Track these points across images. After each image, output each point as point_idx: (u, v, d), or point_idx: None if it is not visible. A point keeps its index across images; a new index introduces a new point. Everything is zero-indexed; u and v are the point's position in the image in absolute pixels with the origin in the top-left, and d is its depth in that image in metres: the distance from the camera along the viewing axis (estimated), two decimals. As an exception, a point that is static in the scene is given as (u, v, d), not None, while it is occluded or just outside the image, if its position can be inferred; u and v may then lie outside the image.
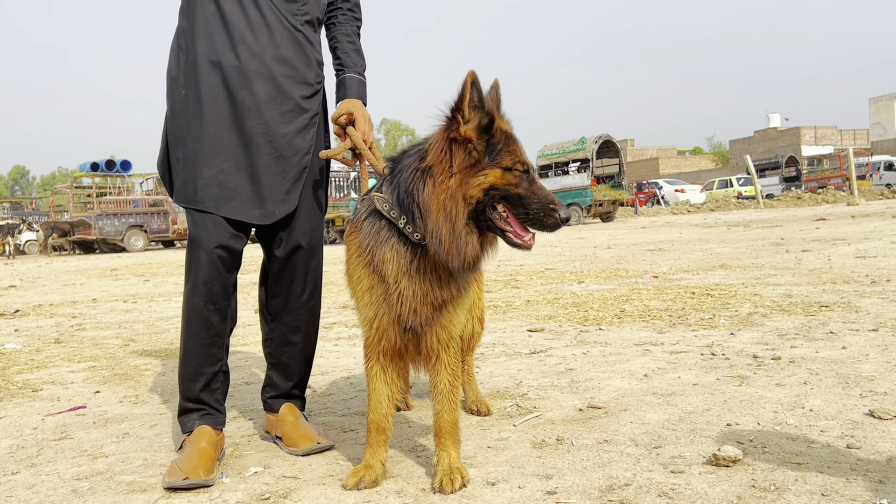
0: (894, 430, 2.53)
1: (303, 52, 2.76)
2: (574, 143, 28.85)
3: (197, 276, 2.62)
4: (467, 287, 2.35)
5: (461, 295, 2.33)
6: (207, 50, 2.64)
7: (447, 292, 2.27)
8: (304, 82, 2.76)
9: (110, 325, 6.85)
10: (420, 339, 2.35)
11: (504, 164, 2.13)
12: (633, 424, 2.79)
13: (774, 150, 60.67)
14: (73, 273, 16.08)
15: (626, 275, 8.43)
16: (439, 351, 2.36)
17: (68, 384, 4.19)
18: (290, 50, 2.71)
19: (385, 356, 2.40)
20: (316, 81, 2.82)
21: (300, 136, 2.73)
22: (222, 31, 2.65)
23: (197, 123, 2.63)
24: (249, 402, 3.61)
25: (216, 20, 2.65)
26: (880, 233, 11.96)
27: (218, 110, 2.63)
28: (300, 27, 2.76)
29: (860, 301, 5.30)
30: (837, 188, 35.44)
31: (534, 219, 2.15)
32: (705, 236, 14.72)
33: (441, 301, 2.28)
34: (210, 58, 2.63)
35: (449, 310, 2.32)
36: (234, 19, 2.65)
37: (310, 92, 2.78)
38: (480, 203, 2.13)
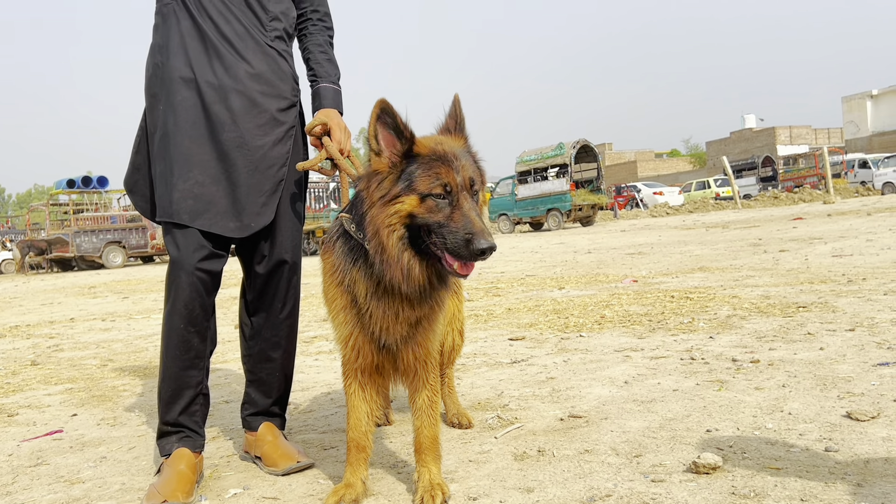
0: (871, 432, 2.55)
1: (277, 67, 2.75)
2: (552, 148, 28.95)
3: (177, 298, 2.59)
4: (441, 304, 2.32)
5: (435, 312, 2.31)
6: (182, 65, 2.63)
7: (419, 311, 2.24)
8: (279, 96, 2.75)
9: (88, 345, 6.77)
10: (396, 356, 2.33)
11: (420, 189, 2.05)
12: (613, 433, 2.79)
13: (751, 150, 61.21)
14: (50, 292, 15.90)
15: (607, 279, 8.46)
16: (416, 368, 2.35)
17: (45, 408, 4.13)
18: (264, 65, 2.71)
19: (363, 374, 2.39)
20: (292, 94, 2.81)
21: (276, 149, 2.71)
22: (196, 46, 2.64)
23: (172, 137, 2.61)
24: (229, 421, 3.58)
25: (190, 36, 2.65)
26: (856, 230, 12.08)
27: (192, 123, 2.61)
28: (271, 43, 2.75)
29: (837, 301, 5.35)
30: (813, 187, 35.81)
31: (450, 249, 2.03)
32: (684, 238, 14.82)
33: (415, 319, 2.26)
34: (184, 73, 2.62)
35: (424, 327, 2.30)
36: (207, 35, 2.64)
37: (285, 105, 2.77)
38: (412, 229, 2.07)
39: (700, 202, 34.75)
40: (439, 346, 2.43)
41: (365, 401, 2.41)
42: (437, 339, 2.36)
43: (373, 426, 2.44)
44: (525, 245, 18.55)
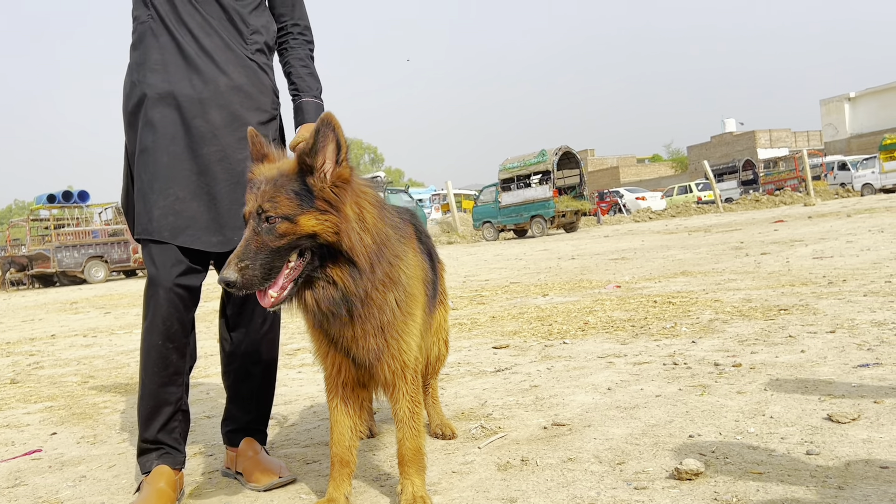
0: (852, 434, 2.56)
1: (257, 80, 2.74)
2: (534, 155, 29.03)
3: (155, 314, 2.57)
4: (408, 312, 2.28)
5: (405, 322, 2.27)
6: (160, 81, 2.61)
7: (365, 325, 2.19)
8: (260, 108, 2.74)
9: (69, 361, 6.70)
10: (372, 370, 2.32)
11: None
12: (596, 440, 2.78)
13: (731, 154, 61.66)
14: (31, 308, 15.74)
15: (590, 285, 8.47)
16: (395, 380, 2.33)
17: (24, 427, 4.08)
18: (244, 78, 2.70)
19: (345, 388, 2.37)
20: (272, 108, 2.80)
21: None
22: (174, 62, 2.62)
23: (151, 154, 2.59)
24: (211, 436, 3.54)
25: (168, 52, 2.63)
26: (836, 232, 12.19)
27: (171, 139, 2.59)
28: (252, 56, 2.74)
29: (818, 303, 5.38)
30: (794, 189, 36.10)
31: None
32: (667, 243, 14.88)
33: (372, 332, 2.22)
34: (162, 89, 2.60)
35: (395, 338, 2.26)
36: (186, 50, 2.63)
37: (265, 118, 2.76)
38: None
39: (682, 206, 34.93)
40: (419, 355, 2.41)
41: (348, 415, 2.39)
42: (412, 350, 2.32)
43: (357, 441, 2.42)
44: (509, 252, 18.57)
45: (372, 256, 2.09)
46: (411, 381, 2.35)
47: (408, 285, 2.26)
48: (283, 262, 2.03)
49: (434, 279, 2.62)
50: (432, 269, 2.62)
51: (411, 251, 2.34)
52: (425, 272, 2.46)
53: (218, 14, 2.69)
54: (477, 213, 31.67)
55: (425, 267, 2.48)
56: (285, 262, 2.04)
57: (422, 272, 2.41)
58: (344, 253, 2.04)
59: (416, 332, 2.33)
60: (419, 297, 2.35)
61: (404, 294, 2.24)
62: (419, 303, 2.34)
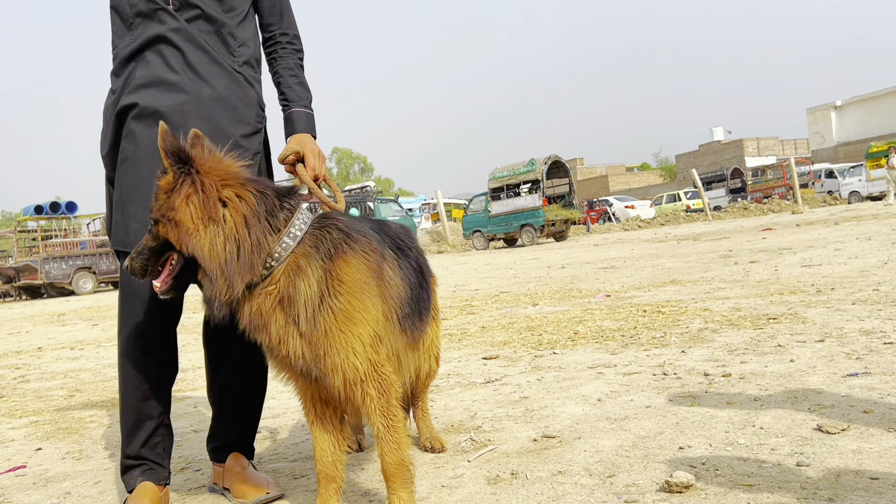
0: (842, 445, 2.55)
1: (242, 92, 2.70)
2: (524, 164, 29.12)
3: (132, 327, 2.54)
4: (349, 321, 2.16)
5: (346, 332, 2.16)
6: (144, 95, 2.57)
7: (304, 329, 2.16)
8: (243, 121, 2.70)
9: (55, 374, 6.64)
10: (322, 383, 2.28)
11: None
12: (587, 453, 2.77)
13: (719, 162, 61.98)
14: (18, 321, 15.60)
15: (580, 295, 8.47)
16: (353, 394, 2.24)
17: (8, 442, 4.03)
18: (229, 90, 2.66)
19: (314, 403, 2.35)
20: (256, 121, 2.76)
21: None
22: (159, 76, 2.58)
23: (132, 164, 2.56)
24: (198, 451, 3.51)
25: (153, 67, 2.59)
26: (824, 240, 12.24)
27: (152, 151, 2.55)
28: (239, 68, 2.72)
29: (807, 311, 5.39)
30: (782, 197, 36.34)
31: None
32: (656, 251, 14.91)
33: (301, 342, 2.18)
34: (147, 102, 2.56)
35: (329, 348, 2.17)
36: (171, 64, 2.60)
37: (249, 131, 2.72)
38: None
39: (671, 215, 35.10)
40: (386, 366, 2.27)
41: (326, 430, 2.37)
42: (359, 360, 2.20)
43: (342, 455, 2.39)
44: (499, 261, 18.57)
45: (223, 264, 2.09)
46: (379, 393, 2.25)
47: (336, 292, 2.15)
48: (159, 260, 2.21)
49: (419, 294, 2.53)
50: (420, 284, 2.55)
51: (345, 259, 2.20)
52: (384, 282, 2.30)
53: (205, 27, 2.66)
54: (467, 223, 31.73)
55: (390, 278, 2.33)
56: (162, 259, 2.21)
57: (368, 280, 2.23)
58: (194, 259, 2.12)
59: (361, 342, 2.19)
60: (362, 305, 2.19)
61: (337, 301, 2.15)
62: (361, 310, 2.19)
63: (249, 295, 2.16)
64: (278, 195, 2.24)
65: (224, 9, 2.71)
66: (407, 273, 2.45)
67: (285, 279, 2.16)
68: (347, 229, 2.27)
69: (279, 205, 2.22)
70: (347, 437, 2.42)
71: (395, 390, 2.29)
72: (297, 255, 2.18)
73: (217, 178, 2.15)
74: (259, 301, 2.16)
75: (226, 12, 2.71)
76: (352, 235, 2.25)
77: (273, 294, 2.16)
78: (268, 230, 2.16)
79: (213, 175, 2.15)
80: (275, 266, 2.16)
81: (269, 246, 2.15)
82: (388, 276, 2.32)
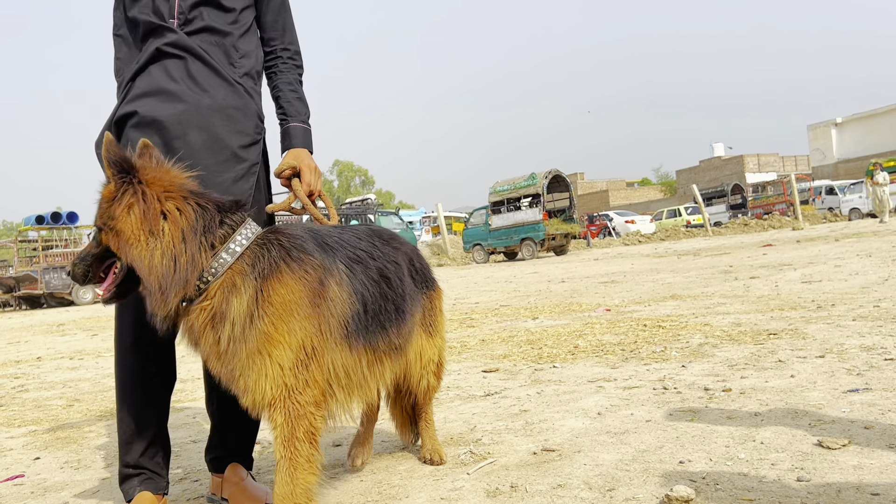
0: (843, 460, 2.54)
1: (242, 103, 2.71)
2: (524, 178, 29.16)
3: (128, 336, 2.54)
4: (271, 341, 2.13)
5: (257, 355, 2.13)
6: (144, 104, 2.58)
7: (224, 348, 2.16)
8: (242, 132, 2.69)
9: (54, 384, 6.63)
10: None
11: None
12: (586, 466, 2.76)
13: (720, 178, 62.09)
14: (18, 330, 15.59)
15: (580, 309, 8.47)
16: (262, 415, 2.22)
17: (6, 451, 4.02)
18: (228, 100, 2.67)
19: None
20: (255, 132, 2.76)
21: (237, 186, 2.66)
22: (160, 86, 2.60)
23: None
24: (196, 461, 3.50)
25: (155, 77, 2.60)
26: (824, 256, 12.25)
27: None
28: (239, 79, 2.72)
29: (807, 327, 5.39)
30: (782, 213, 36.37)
31: None
32: (656, 266, 14.92)
33: (221, 360, 2.18)
34: (147, 112, 2.57)
35: (241, 368, 2.15)
36: (173, 73, 2.61)
37: (248, 142, 2.72)
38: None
39: (671, 230, 35.10)
40: (301, 391, 2.19)
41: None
42: (274, 384, 2.15)
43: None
44: (499, 275, 18.57)
45: (160, 278, 2.10)
46: (285, 421, 2.18)
47: (264, 313, 2.13)
48: (101, 267, 2.23)
49: (382, 306, 2.45)
50: (383, 295, 2.45)
51: (279, 279, 2.17)
52: (326, 301, 2.24)
53: (208, 38, 2.68)
54: (467, 236, 31.73)
55: (334, 294, 2.27)
56: (105, 266, 2.23)
57: (300, 301, 2.18)
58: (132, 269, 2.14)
59: (279, 365, 2.14)
60: (287, 328, 2.15)
61: (262, 323, 2.12)
62: (285, 333, 2.15)
63: (187, 309, 2.17)
64: (220, 210, 2.24)
65: (228, 21, 2.73)
66: (364, 286, 2.38)
67: (220, 295, 2.16)
68: (289, 246, 2.24)
69: (219, 220, 2.21)
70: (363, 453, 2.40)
71: (307, 422, 2.19)
72: (234, 272, 2.17)
73: (160, 190, 2.16)
74: (194, 316, 2.17)
75: (229, 24, 2.73)
76: (291, 254, 2.22)
77: (207, 310, 2.16)
78: (204, 246, 2.15)
79: (156, 186, 2.16)
80: (211, 281, 2.15)
81: (204, 262, 2.15)
82: (331, 294, 2.26)
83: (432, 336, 2.92)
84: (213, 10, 2.69)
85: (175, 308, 2.14)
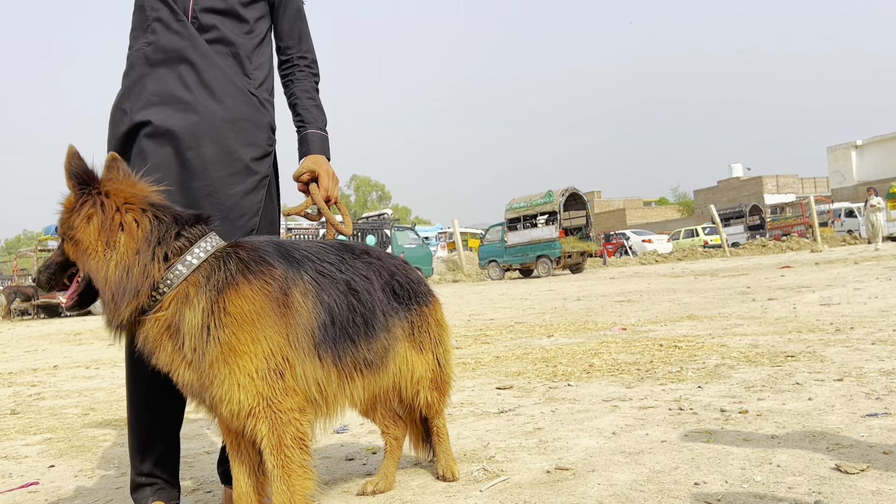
0: (861, 485, 2.51)
1: (256, 114, 2.72)
2: (541, 195, 29.17)
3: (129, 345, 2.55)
4: (234, 351, 2.13)
5: (229, 363, 2.13)
6: (157, 113, 2.58)
7: (190, 358, 2.16)
8: (255, 144, 2.70)
9: (70, 393, 6.67)
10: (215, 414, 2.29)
11: None
12: (600, 486, 2.74)
13: (738, 199, 61.83)
14: (35, 339, 15.72)
15: (595, 327, 8.43)
16: (245, 426, 2.19)
17: (22, 458, 4.04)
18: (242, 111, 2.67)
19: (230, 433, 2.36)
20: (267, 144, 2.76)
21: (247, 198, 2.67)
22: (172, 94, 2.60)
23: None
24: (209, 472, 3.50)
25: (167, 83, 2.61)
26: (843, 279, 12.14)
27: (163, 171, 2.55)
28: (255, 91, 2.74)
29: (825, 350, 5.33)
30: (801, 235, 36.14)
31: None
32: (673, 286, 14.84)
33: (196, 373, 2.17)
34: (160, 121, 2.58)
35: (212, 378, 2.14)
36: (186, 80, 2.61)
37: (260, 154, 2.72)
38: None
39: (688, 250, 34.95)
40: (280, 400, 2.18)
41: (242, 462, 2.40)
42: (249, 394, 2.15)
43: (262, 487, 2.41)
44: (514, 292, 18.54)
45: (113, 287, 2.12)
46: (270, 430, 2.18)
47: (222, 324, 2.13)
48: (64, 275, 2.28)
49: (351, 318, 2.42)
50: (350, 307, 2.44)
51: (236, 290, 2.18)
52: (291, 311, 2.24)
53: (222, 49, 2.69)
54: (483, 252, 31.74)
55: (299, 305, 2.26)
56: (68, 274, 2.28)
57: (261, 311, 2.18)
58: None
59: (249, 375, 2.15)
60: (250, 337, 2.15)
61: (222, 333, 2.12)
62: (249, 342, 2.15)
63: (142, 320, 2.19)
64: (178, 222, 2.25)
65: (244, 31, 2.74)
66: (331, 297, 2.37)
67: (174, 307, 2.17)
68: (248, 259, 2.24)
69: (176, 232, 2.22)
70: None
71: (294, 428, 2.20)
72: (189, 283, 2.18)
73: (121, 201, 2.18)
74: (148, 327, 2.18)
75: (244, 34, 2.74)
76: (250, 266, 2.22)
77: (161, 321, 2.17)
78: (158, 257, 2.17)
79: (117, 197, 2.18)
80: (166, 292, 2.17)
81: (157, 273, 2.16)
82: (296, 303, 2.25)
83: (423, 351, 2.83)
84: (227, 20, 2.70)
85: (128, 318, 2.16)
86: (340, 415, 2.57)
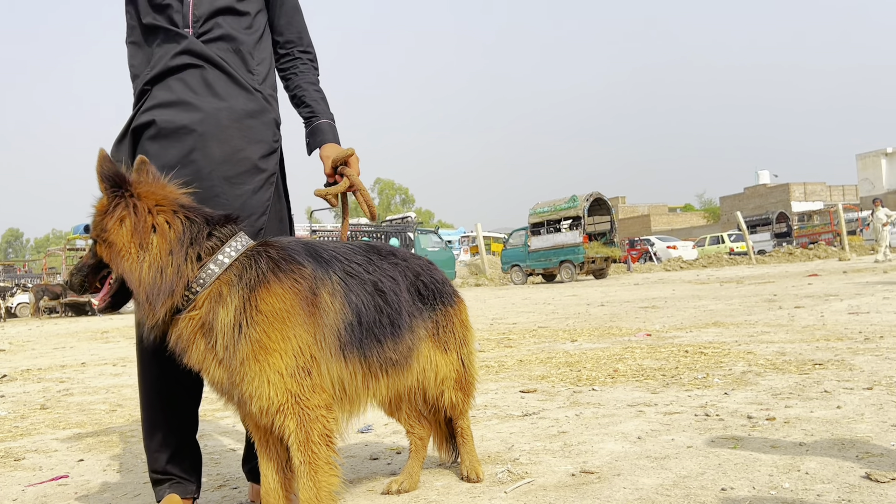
0: (892, 494, 2.48)
1: (261, 111, 2.73)
2: (565, 200, 29.09)
3: (148, 344, 2.57)
4: (262, 349, 2.17)
5: (259, 359, 2.16)
6: (161, 112, 2.61)
7: (222, 357, 2.19)
8: (261, 141, 2.72)
9: (98, 389, 6.76)
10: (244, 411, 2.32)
11: None
12: (626, 490, 2.73)
13: (765, 206, 61.23)
14: (63, 336, 15.94)
15: (620, 333, 8.39)
16: (273, 422, 2.22)
17: (52, 452, 4.11)
18: (246, 108, 2.69)
19: (259, 429, 2.38)
20: (273, 140, 2.78)
21: (255, 197, 2.69)
22: (180, 97, 2.62)
23: None
24: (236, 469, 3.53)
25: (175, 89, 2.63)
26: (872, 288, 11.98)
27: (169, 171, 2.56)
28: (258, 87, 2.75)
29: (854, 358, 5.27)
30: (828, 243, 35.70)
31: None
32: (698, 293, 14.72)
33: (227, 371, 2.19)
34: (167, 123, 2.60)
35: (243, 374, 2.17)
36: (191, 83, 2.63)
37: (266, 151, 2.74)
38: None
39: (714, 257, 34.68)
40: (308, 397, 2.22)
41: (270, 458, 2.43)
42: (278, 390, 2.18)
43: (288, 483, 2.43)
44: (537, 296, 18.49)
45: (148, 288, 2.14)
46: (298, 426, 2.21)
47: (254, 322, 2.17)
48: (97, 277, 2.29)
49: (377, 319, 2.46)
50: (377, 308, 2.47)
51: (267, 289, 2.21)
52: (319, 310, 2.28)
53: (224, 46, 2.70)
54: (506, 257, 31.70)
55: (327, 305, 2.30)
56: (101, 276, 2.29)
57: (291, 309, 2.22)
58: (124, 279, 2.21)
59: (278, 372, 2.18)
60: (280, 335, 2.19)
61: (253, 331, 2.16)
62: (279, 340, 2.18)
63: (175, 319, 2.22)
64: (209, 223, 2.29)
65: (243, 26, 2.76)
66: (359, 298, 2.40)
67: (207, 305, 2.20)
68: (278, 258, 2.28)
69: (207, 233, 2.26)
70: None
71: (321, 425, 2.23)
72: (222, 282, 2.22)
73: (152, 203, 2.22)
74: (182, 326, 2.21)
75: (245, 29, 2.75)
76: (281, 265, 2.26)
77: (195, 319, 2.20)
78: (190, 257, 2.21)
79: (148, 200, 2.22)
80: (199, 292, 2.20)
81: (191, 273, 2.19)
82: (324, 303, 2.29)
83: (447, 351, 2.86)
84: (228, 17, 2.71)
85: (163, 318, 2.20)
86: (363, 412, 2.60)
